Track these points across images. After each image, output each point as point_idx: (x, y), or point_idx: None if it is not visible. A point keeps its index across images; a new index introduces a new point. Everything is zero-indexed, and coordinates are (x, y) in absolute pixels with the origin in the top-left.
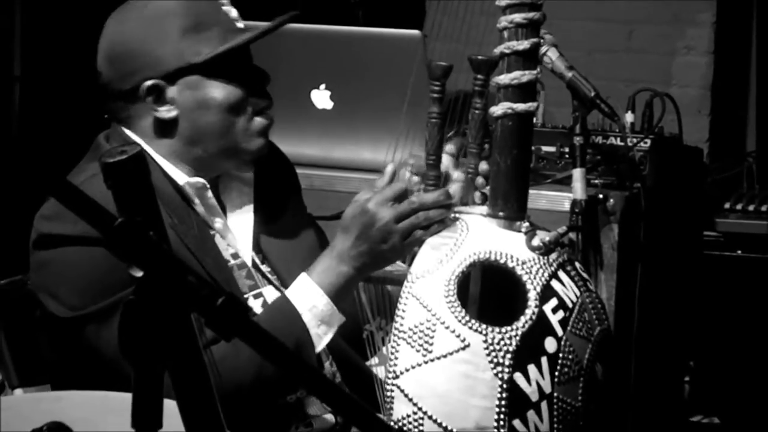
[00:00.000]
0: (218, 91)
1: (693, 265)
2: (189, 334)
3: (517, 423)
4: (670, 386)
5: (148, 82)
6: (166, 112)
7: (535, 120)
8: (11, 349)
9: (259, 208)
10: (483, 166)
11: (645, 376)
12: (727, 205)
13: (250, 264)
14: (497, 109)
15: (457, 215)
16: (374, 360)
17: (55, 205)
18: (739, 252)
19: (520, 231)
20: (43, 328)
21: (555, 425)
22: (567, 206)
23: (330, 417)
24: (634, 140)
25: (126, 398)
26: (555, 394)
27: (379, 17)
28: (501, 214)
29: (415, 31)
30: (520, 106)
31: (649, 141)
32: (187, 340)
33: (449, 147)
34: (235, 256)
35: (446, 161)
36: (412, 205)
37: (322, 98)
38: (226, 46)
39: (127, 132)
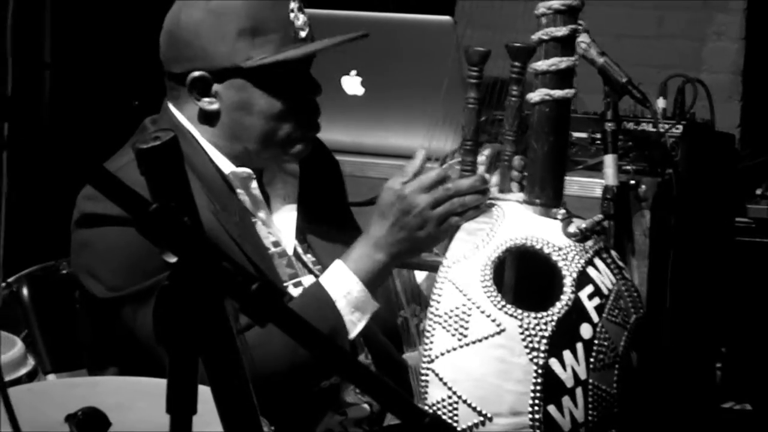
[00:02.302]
0: (262, 99)
1: (724, 252)
2: (223, 320)
3: (551, 409)
4: (702, 372)
5: (196, 74)
6: (208, 104)
7: None
8: (44, 335)
9: (303, 200)
10: (517, 160)
11: (677, 362)
12: (758, 191)
13: (290, 253)
14: (535, 96)
15: (494, 202)
16: (408, 348)
17: None
18: None
19: (556, 218)
20: (81, 309)
21: (590, 412)
22: (599, 192)
23: (365, 406)
24: (666, 126)
25: (160, 384)
26: (590, 381)
27: (410, 3)
28: (537, 201)
29: (446, 18)
30: (558, 93)
31: (680, 127)
32: (221, 325)
33: (483, 157)
34: (276, 244)
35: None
36: (448, 191)
37: (353, 84)
38: (276, 57)
39: (177, 115)
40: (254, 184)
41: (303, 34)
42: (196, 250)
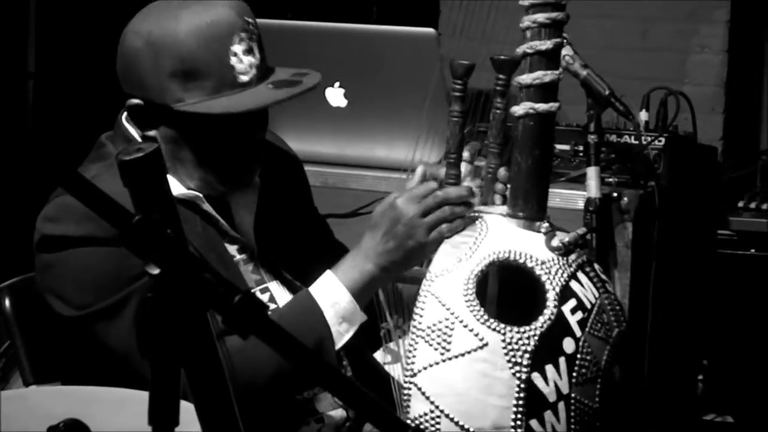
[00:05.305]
0: (190, 145)
1: (707, 264)
2: (206, 332)
3: (534, 423)
4: (684, 384)
5: (133, 101)
6: (147, 130)
7: None
8: (26, 346)
9: (265, 204)
10: (502, 172)
11: (659, 374)
12: (740, 204)
13: (255, 258)
14: (519, 109)
15: (477, 215)
16: (387, 358)
17: (56, 207)
18: (753, 251)
19: (539, 231)
20: (52, 329)
21: (572, 426)
22: (581, 204)
23: (341, 412)
24: (649, 138)
25: (141, 395)
26: (572, 395)
27: (394, 15)
28: (521, 214)
29: (430, 30)
30: (542, 106)
31: (663, 139)
32: (204, 337)
33: (464, 153)
34: (241, 251)
35: (463, 169)
36: (437, 198)
37: (336, 96)
38: (198, 109)
39: (131, 130)
40: (207, 205)
41: (245, 78)
42: (179, 262)
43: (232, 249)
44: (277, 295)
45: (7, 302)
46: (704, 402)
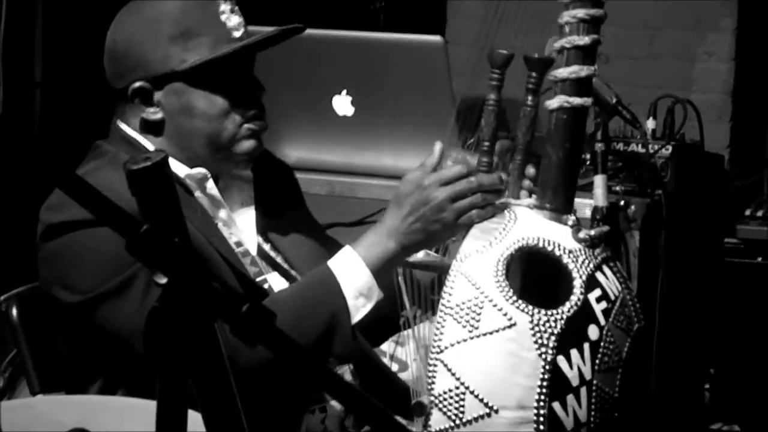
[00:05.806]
0: (201, 100)
1: (713, 272)
2: (213, 342)
3: (556, 405)
4: (691, 393)
5: (136, 84)
6: (153, 113)
7: None
8: (33, 355)
9: (260, 202)
10: (530, 169)
11: (665, 382)
12: (747, 212)
13: (254, 252)
14: (553, 102)
15: (506, 205)
16: (395, 367)
17: (58, 196)
18: (760, 259)
19: (566, 224)
20: (58, 324)
21: (592, 412)
22: (588, 213)
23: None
24: (656, 147)
25: (147, 404)
26: (594, 382)
27: (401, 23)
28: (548, 206)
29: (437, 37)
30: (576, 100)
31: (670, 147)
32: (212, 346)
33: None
34: (239, 244)
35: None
36: (471, 185)
37: (343, 104)
38: (210, 56)
39: (126, 129)
40: (210, 184)
41: (237, 34)
42: (187, 271)
43: (231, 241)
44: (276, 287)
45: (14, 311)
46: (711, 411)
